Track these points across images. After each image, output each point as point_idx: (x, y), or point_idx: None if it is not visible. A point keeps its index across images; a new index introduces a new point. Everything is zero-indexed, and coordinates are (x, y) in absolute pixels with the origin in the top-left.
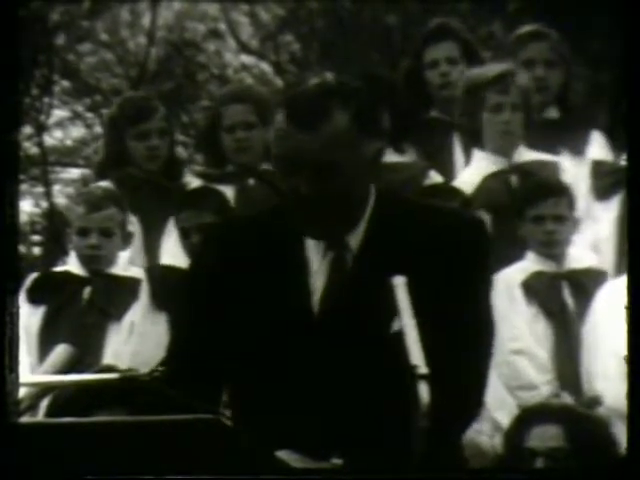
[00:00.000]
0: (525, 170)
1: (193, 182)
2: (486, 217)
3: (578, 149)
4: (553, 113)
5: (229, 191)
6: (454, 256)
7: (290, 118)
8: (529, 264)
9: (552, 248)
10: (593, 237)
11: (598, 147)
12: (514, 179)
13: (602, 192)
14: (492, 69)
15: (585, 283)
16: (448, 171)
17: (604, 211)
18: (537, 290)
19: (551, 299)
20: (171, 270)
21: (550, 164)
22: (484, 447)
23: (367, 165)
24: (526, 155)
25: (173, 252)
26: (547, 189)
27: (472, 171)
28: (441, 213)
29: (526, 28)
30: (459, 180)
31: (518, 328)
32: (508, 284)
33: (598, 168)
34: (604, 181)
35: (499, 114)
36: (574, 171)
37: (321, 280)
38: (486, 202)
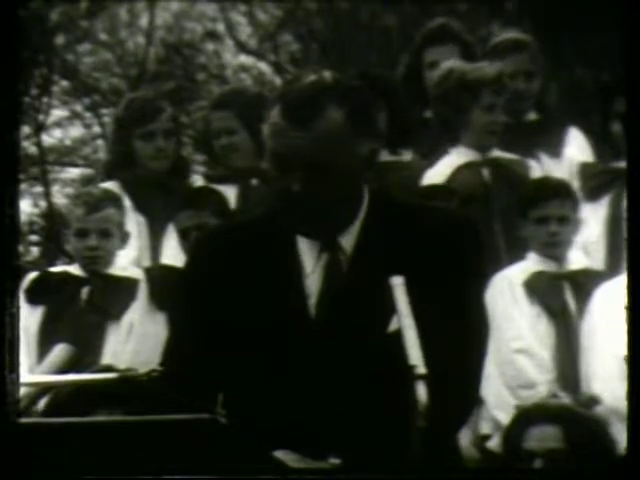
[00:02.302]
0: (497, 164)
1: (197, 182)
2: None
3: (556, 150)
4: (531, 116)
5: (233, 191)
6: (447, 256)
7: (284, 114)
8: (530, 264)
9: (555, 249)
10: (583, 238)
11: (577, 147)
12: (486, 172)
13: (590, 193)
14: (488, 68)
15: (586, 284)
16: None
17: (593, 212)
18: (539, 290)
19: (553, 299)
20: (170, 270)
21: (522, 161)
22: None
23: (361, 165)
24: (499, 153)
25: (173, 252)
26: (552, 190)
27: (445, 164)
28: (434, 213)
29: (504, 37)
30: (431, 173)
31: (520, 327)
32: (510, 283)
33: (586, 170)
34: (592, 182)
35: (490, 114)
36: (561, 172)
37: (316, 283)
38: (458, 190)
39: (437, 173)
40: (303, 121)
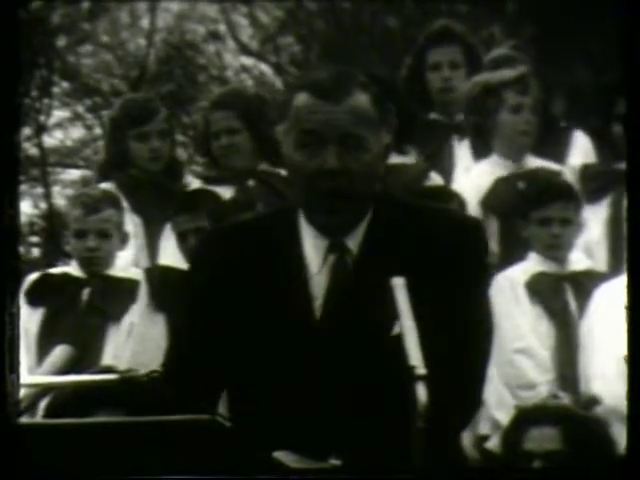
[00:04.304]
0: (533, 177)
1: (193, 183)
2: (494, 222)
3: (563, 159)
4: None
5: (229, 192)
6: (452, 258)
7: (315, 93)
8: (532, 264)
9: (557, 251)
10: (584, 240)
11: (583, 154)
12: (522, 185)
13: (591, 195)
14: (510, 71)
15: (586, 285)
16: (447, 173)
17: (594, 214)
18: (541, 290)
19: (554, 300)
20: (170, 271)
21: (559, 172)
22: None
23: (382, 153)
24: (533, 162)
25: (171, 253)
26: (555, 192)
27: (478, 174)
28: (439, 215)
29: (497, 53)
30: (463, 182)
31: (521, 327)
32: (512, 284)
33: (586, 171)
34: (593, 184)
35: (519, 114)
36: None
37: (322, 284)
38: (495, 206)
39: (473, 185)
40: (335, 97)
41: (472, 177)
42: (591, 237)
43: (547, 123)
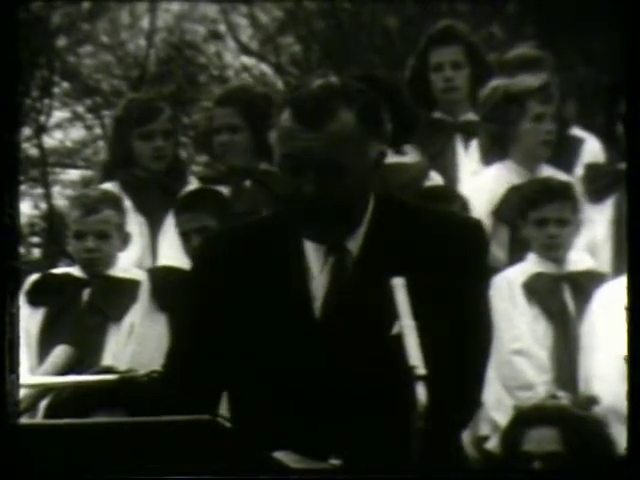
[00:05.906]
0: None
1: (193, 183)
2: (504, 230)
3: (573, 165)
4: None
5: (226, 192)
6: (453, 258)
7: (296, 117)
8: (530, 265)
9: (554, 251)
10: (589, 239)
11: (591, 154)
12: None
13: (596, 195)
14: (532, 79)
15: (585, 285)
16: (450, 173)
17: (599, 213)
18: (538, 291)
19: (552, 300)
20: (171, 271)
21: (572, 183)
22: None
23: (371, 167)
24: (547, 171)
25: (170, 253)
26: (552, 192)
27: (490, 177)
28: (439, 216)
29: (515, 53)
30: (472, 184)
31: (518, 328)
32: (510, 284)
33: (591, 171)
34: (598, 184)
35: (541, 123)
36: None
37: (322, 285)
38: (507, 214)
39: (484, 188)
40: (315, 123)
41: (483, 180)
42: (596, 237)
43: (562, 130)
